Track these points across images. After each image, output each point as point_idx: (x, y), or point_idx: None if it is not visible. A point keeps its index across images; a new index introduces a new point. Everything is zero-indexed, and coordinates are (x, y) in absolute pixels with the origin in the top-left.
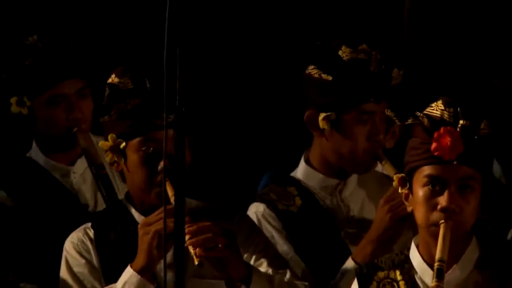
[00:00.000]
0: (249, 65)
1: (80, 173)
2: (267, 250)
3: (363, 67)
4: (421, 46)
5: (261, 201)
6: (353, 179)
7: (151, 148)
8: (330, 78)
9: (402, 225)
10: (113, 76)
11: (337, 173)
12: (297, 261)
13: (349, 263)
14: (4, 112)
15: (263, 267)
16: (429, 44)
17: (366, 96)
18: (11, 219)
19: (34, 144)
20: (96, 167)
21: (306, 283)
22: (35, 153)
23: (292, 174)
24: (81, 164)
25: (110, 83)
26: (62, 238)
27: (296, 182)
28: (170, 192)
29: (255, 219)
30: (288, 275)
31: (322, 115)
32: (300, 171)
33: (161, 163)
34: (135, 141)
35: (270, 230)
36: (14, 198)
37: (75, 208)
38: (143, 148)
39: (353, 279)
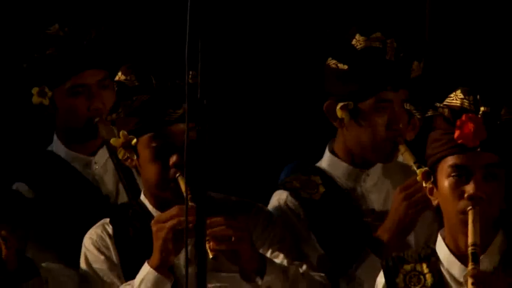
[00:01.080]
0: (272, 54)
1: (101, 164)
2: (284, 242)
3: (379, 55)
4: (443, 38)
5: (284, 188)
6: (377, 169)
7: (161, 144)
8: (345, 67)
9: (418, 214)
10: (119, 73)
11: (361, 163)
12: (317, 249)
13: (366, 253)
14: (26, 103)
15: (279, 259)
16: (450, 37)
17: (383, 84)
18: (32, 211)
19: (55, 137)
20: (117, 157)
21: (323, 274)
22: (56, 145)
23: (317, 164)
24: (103, 155)
25: (117, 81)
26: (85, 230)
27: (321, 171)
28: (183, 187)
29: (277, 207)
30: (304, 267)
31: (339, 105)
32: (325, 161)
33: (173, 157)
34: (145, 137)
35: (292, 218)
36: (35, 191)
37: (97, 199)
38: (153, 144)
39: (370, 268)
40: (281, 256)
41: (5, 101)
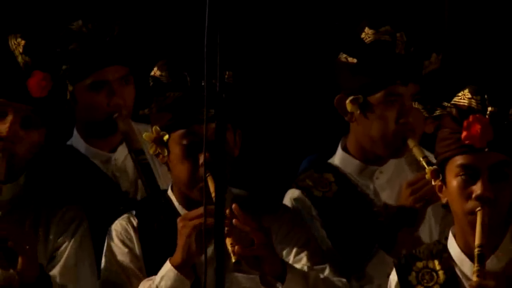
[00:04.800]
0: (289, 50)
1: (121, 160)
2: (308, 245)
3: (388, 49)
4: (462, 31)
5: (297, 187)
6: (390, 165)
7: (191, 141)
8: (355, 60)
9: (425, 208)
10: (155, 69)
11: (373, 159)
12: (329, 248)
13: (376, 250)
14: None
15: (302, 263)
16: (470, 30)
17: (392, 78)
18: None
19: (75, 132)
20: (135, 152)
21: (344, 280)
22: (76, 140)
23: (330, 160)
24: (122, 151)
25: (152, 76)
26: (103, 225)
27: (334, 168)
28: (212, 188)
29: (290, 205)
30: (326, 272)
31: (349, 98)
32: (337, 158)
33: (202, 156)
34: (177, 133)
35: (304, 217)
36: (56, 186)
37: (116, 195)
38: (184, 142)
39: (380, 265)
40: (304, 259)
41: None
